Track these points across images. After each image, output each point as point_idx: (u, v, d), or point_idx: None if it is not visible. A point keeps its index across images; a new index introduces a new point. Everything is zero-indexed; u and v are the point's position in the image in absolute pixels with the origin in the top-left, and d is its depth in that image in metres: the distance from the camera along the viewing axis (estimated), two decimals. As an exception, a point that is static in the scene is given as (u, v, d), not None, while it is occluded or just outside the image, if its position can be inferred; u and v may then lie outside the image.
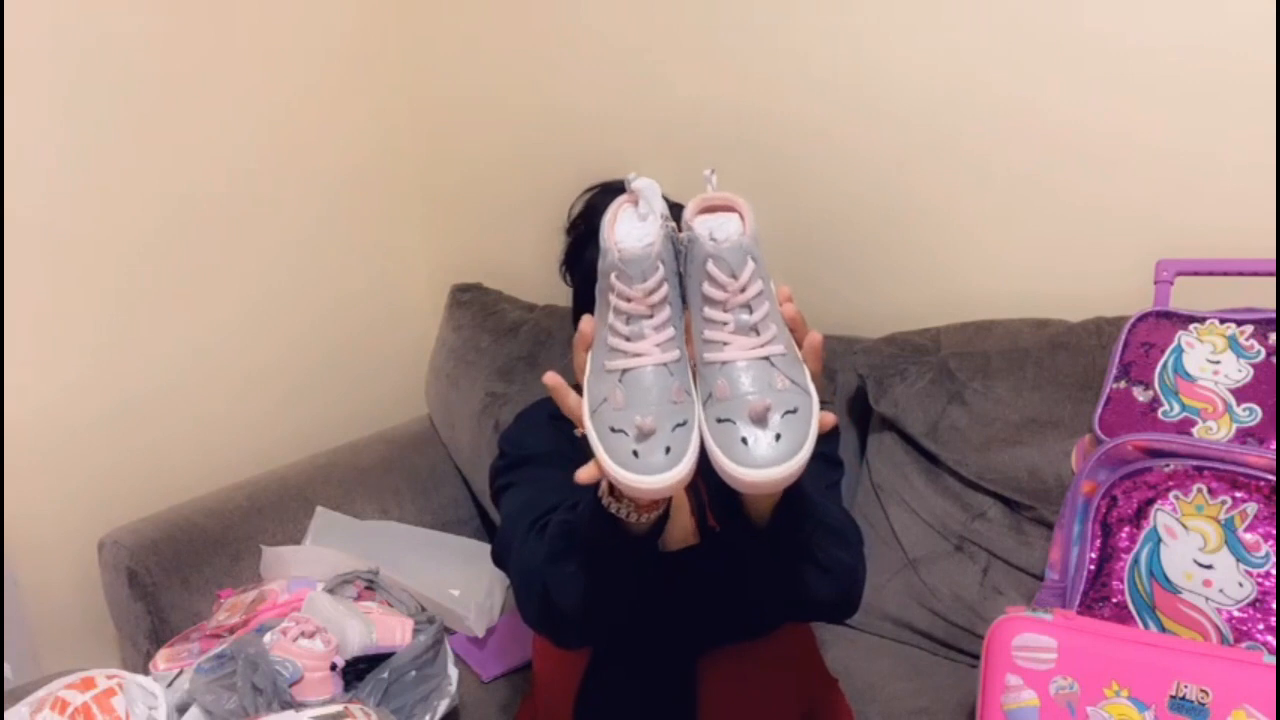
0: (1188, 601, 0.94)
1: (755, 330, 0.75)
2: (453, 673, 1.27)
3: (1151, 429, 1.01)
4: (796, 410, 0.72)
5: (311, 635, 1.17)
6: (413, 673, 1.21)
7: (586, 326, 0.80)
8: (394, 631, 1.24)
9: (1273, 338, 1.02)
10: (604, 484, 0.83)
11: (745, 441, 0.71)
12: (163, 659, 1.27)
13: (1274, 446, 0.95)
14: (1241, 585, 0.92)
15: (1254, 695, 0.86)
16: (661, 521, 0.86)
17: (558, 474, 1.00)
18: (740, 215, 0.78)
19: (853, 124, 1.47)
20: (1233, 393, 1.00)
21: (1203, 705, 0.87)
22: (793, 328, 0.78)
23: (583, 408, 0.78)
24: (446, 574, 1.50)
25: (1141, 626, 0.95)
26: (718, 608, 1.03)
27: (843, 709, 1.19)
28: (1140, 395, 1.04)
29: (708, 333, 0.75)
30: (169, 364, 1.62)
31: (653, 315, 0.76)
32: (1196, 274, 1.12)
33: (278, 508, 1.55)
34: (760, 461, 0.70)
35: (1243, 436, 0.97)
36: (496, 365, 1.69)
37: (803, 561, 0.89)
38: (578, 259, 1.09)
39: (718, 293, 0.75)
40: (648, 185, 0.79)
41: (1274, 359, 1.01)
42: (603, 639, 1.04)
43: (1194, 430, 0.99)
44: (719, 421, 0.73)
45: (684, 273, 0.78)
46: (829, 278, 1.53)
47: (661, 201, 0.78)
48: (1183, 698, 0.87)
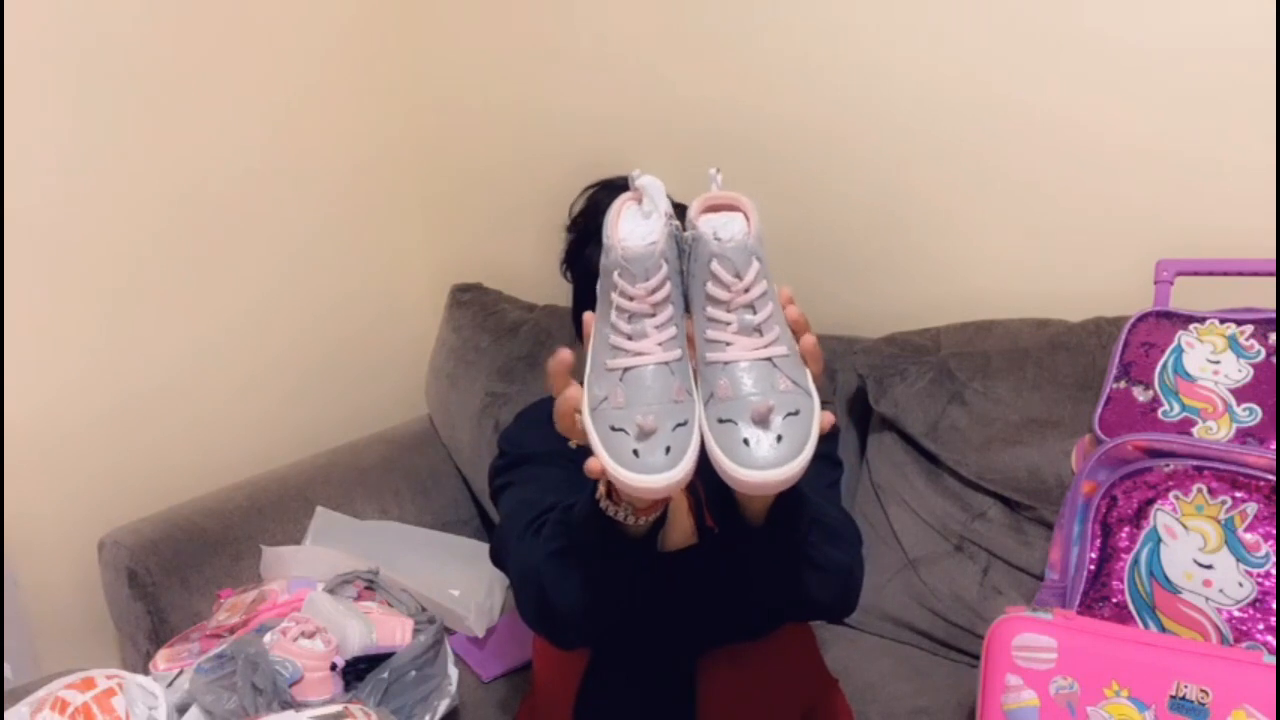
0: (1188, 601, 0.94)
1: (758, 331, 0.74)
2: (453, 673, 1.27)
3: (1151, 429, 1.01)
4: (798, 412, 0.72)
5: (311, 635, 1.17)
6: (413, 673, 1.20)
7: (588, 323, 0.80)
8: (394, 631, 1.24)
9: (1273, 338, 1.02)
10: (601, 487, 0.83)
11: (747, 442, 0.71)
12: (163, 659, 1.27)
13: (1274, 446, 0.95)
14: (1241, 585, 0.92)
15: (1254, 695, 0.86)
16: (658, 524, 0.86)
17: (557, 473, 1.00)
18: (745, 215, 0.78)
19: (853, 125, 1.47)
20: (1233, 393, 1.00)
21: (1203, 705, 0.87)
22: (795, 330, 0.77)
23: (582, 403, 0.77)
24: (446, 574, 1.50)
25: (1141, 626, 0.95)
26: (717, 608, 1.02)
27: (843, 709, 1.19)
28: (1140, 395, 1.04)
29: (710, 332, 0.75)
30: (169, 364, 1.62)
31: (655, 314, 0.75)
32: (1196, 274, 1.12)
33: (278, 508, 1.55)
34: (762, 463, 0.70)
35: (1243, 436, 0.97)
36: (496, 365, 1.69)
37: (799, 561, 0.89)
38: (578, 256, 1.08)
39: (721, 292, 0.74)
40: (652, 183, 0.79)
41: (1274, 359, 1.01)
42: (601, 640, 1.04)
43: (1194, 430, 0.99)
44: (720, 422, 0.72)
45: (687, 272, 0.77)
46: (829, 278, 1.53)
47: (666, 199, 0.78)
48: (1183, 698, 0.87)
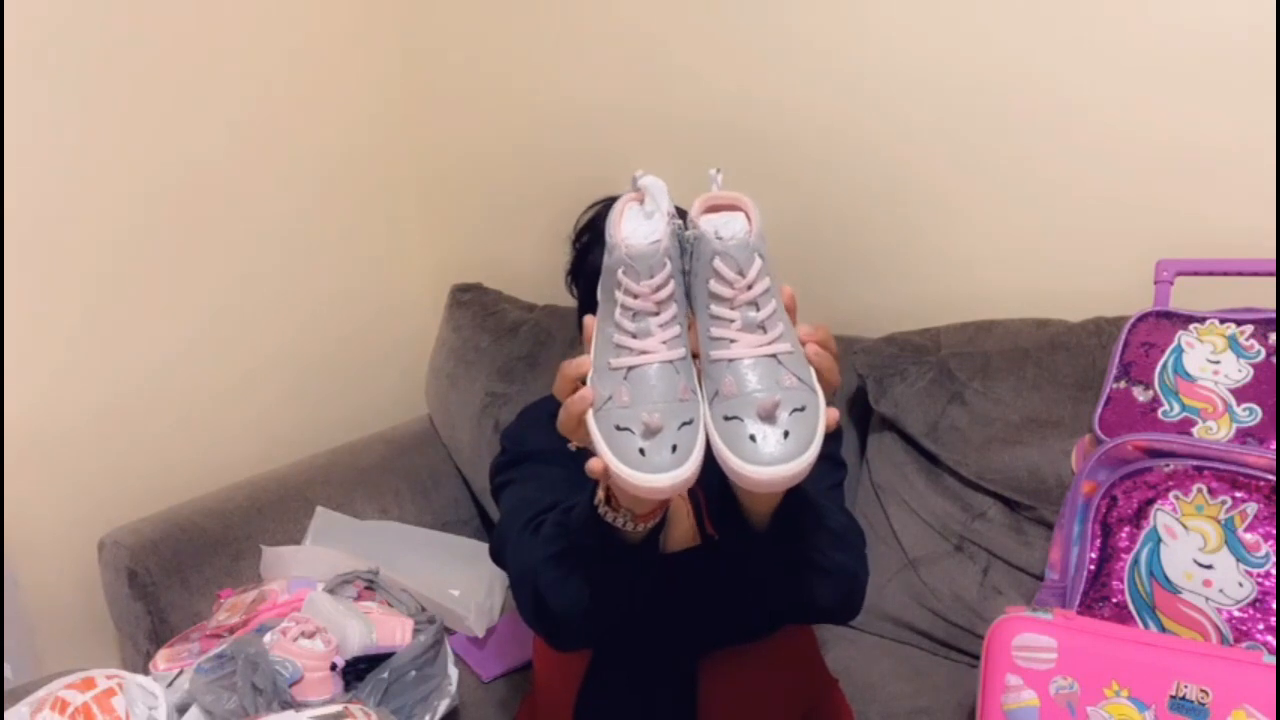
0: (1188, 601, 0.94)
1: (762, 328, 0.74)
2: (453, 673, 1.27)
3: (1151, 429, 1.01)
4: (804, 408, 0.72)
5: (311, 635, 1.17)
6: (413, 673, 1.20)
7: (589, 326, 0.80)
8: (394, 631, 1.24)
9: (1273, 338, 1.02)
10: (600, 492, 0.82)
11: (753, 439, 0.70)
12: (163, 659, 1.27)
13: (1274, 446, 0.95)
14: (1241, 585, 0.92)
15: (1254, 695, 0.86)
16: (657, 530, 0.86)
17: (558, 472, 1.00)
18: (746, 214, 0.78)
19: (853, 126, 1.47)
20: (1233, 393, 1.00)
21: (1203, 705, 0.86)
22: (817, 350, 0.77)
23: (589, 398, 0.76)
24: (446, 574, 1.50)
25: (1141, 626, 0.95)
26: (718, 609, 1.02)
27: (843, 709, 1.19)
28: (1140, 395, 1.04)
29: (714, 330, 0.75)
30: (171, 364, 1.62)
31: (659, 313, 0.75)
32: (1196, 274, 1.12)
33: (278, 508, 1.55)
34: (768, 459, 0.70)
35: (1243, 436, 0.97)
36: (496, 365, 1.69)
37: (803, 565, 0.89)
38: (582, 269, 1.08)
39: (725, 290, 0.74)
40: (654, 183, 0.79)
41: (1274, 359, 1.01)
42: (599, 641, 1.04)
43: (1194, 430, 0.99)
44: (726, 419, 0.72)
45: (689, 271, 0.77)
46: (828, 278, 1.53)
47: (668, 199, 0.78)
48: (1183, 698, 0.87)
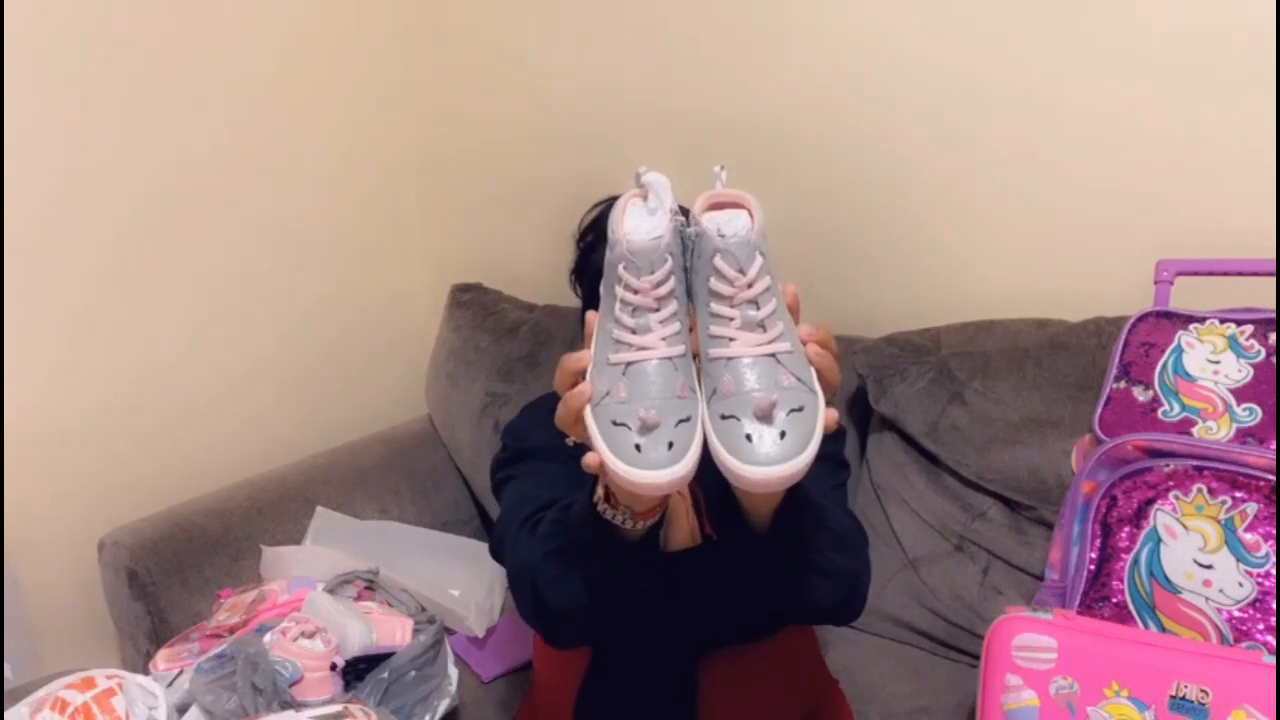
0: (1188, 601, 0.94)
1: (762, 326, 0.74)
2: (453, 673, 1.27)
3: (1151, 429, 1.01)
4: (802, 408, 0.72)
5: (311, 635, 1.17)
6: (413, 673, 1.20)
7: (590, 322, 0.80)
8: (394, 631, 1.24)
9: (1273, 338, 1.02)
10: (600, 490, 0.82)
11: (750, 438, 0.70)
12: (163, 659, 1.27)
13: (1274, 446, 0.95)
14: (1241, 585, 0.92)
15: (1254, 695, 0.86)
16: (656, 528, 0.85)
17: (558, 469, 1.00)
18: (749, 212, 0.78)
19: (854, 123, 1.47)
20: (1233, 393, 1.00)
21: (1203, 705, 0.86)
22: (818, 351, 0.77)
23: (587, 393, 0.76)
24: (446, 574, 1.50)
25: (1141, 626, 0.95)
26: (718, 609, 1.02)
27: (843, 709, 1.19)
28: (1140, 395, 1.04)
29: (714, 328, 0.75)
30: (170, 364, 1.62)
31: (659, 308, 0.75)
32: (1196, 274, 1.12)
33: (278, 508, 1.55)
34: (764, 459, 0.69)
35: (1243, 436, 0.97)
36: (496, 365, 1.69)
37: (803, 566, 0.89)
38: (586, 268, 1.08)
39: (725, 288, 0.74)
40: (658, 179, 0.79)
41: (1274, 359, 1.01)
42: (598, 639, 1.04)
43: (1194, 430, 0.99)
44: (723, 418, 0.72)
45: (690, 268, 0.77)
46: (829, 277, 1.53)
47: (671, 196, 0.78)
48: (1183, 698, 0.87)
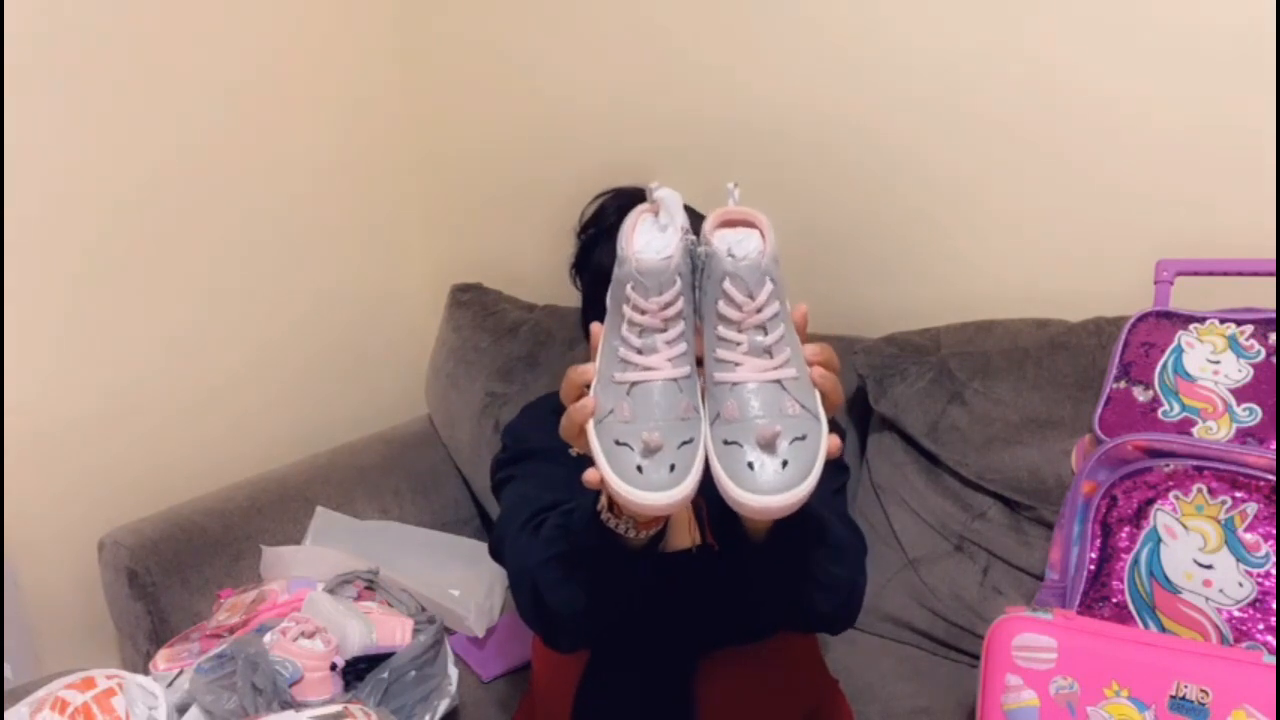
0: (1188, 601, 0.94)
1: (769, 352, 0.73)
2: (453, 673, 1.27)
3: (1151, 429, 1.01)
4: (805, 437, 0.72)
5: (311, 635, 1.17)
6: (413, 673, 1.20)
7: (595, 333, 0.80)
8: (394, 631, 1.24)
9: (1273, 338, 1.02)
10: (603, 499, 0.82)
11: (751, 466, 0.70)
12: (163, 659, 1.26)
13: (1274, 446, 0.95)
14: (1241, 585, 0.92)
15: (1254, 695, 0.86)
16: (658, 537, 0.86)
17: (558, 470, 1.00)
18: (761, 232, 0.76)
19: (855, 123, 1.47)
20: (1233, 393, 1.00)
21: (1203, 705, 0.87)
22: (821, 373, 0.77)
23: (591, 407, 0.76)
24: (446, 574, 1.50)
25: (1141, 626, 0.95)
26: (717, 611, 1.02)
27: (843, 709, 1.19)
28: (1140, 395, 1.04)
29: (720, 352, 0.74)
30: (170, 363, 1.62)
31: (666, 329, 0.75)
32: (1196, 274, 1.12)
33: (278, 508, 1.55)
34: (765, 488, 0.69)
35: (1243, 436, 0.97)
36: (496, 365, 1.69)
37: (800, 579, 0.89)
38: (587, 262, 1.08)
39: (733, 312, 0.73)
40: (669, 195, 0.77)
41: (1274, 359, 1.01)
42: (596, 641, 1.04)
43: (1194, 430, 0.99)
44: (726, 443, 0.71)
45: (699, 287, 0.76)
46: (829, 277, 1.53)
47: (683, 213, 0.77)
48: (1183, 698, 0.87)
